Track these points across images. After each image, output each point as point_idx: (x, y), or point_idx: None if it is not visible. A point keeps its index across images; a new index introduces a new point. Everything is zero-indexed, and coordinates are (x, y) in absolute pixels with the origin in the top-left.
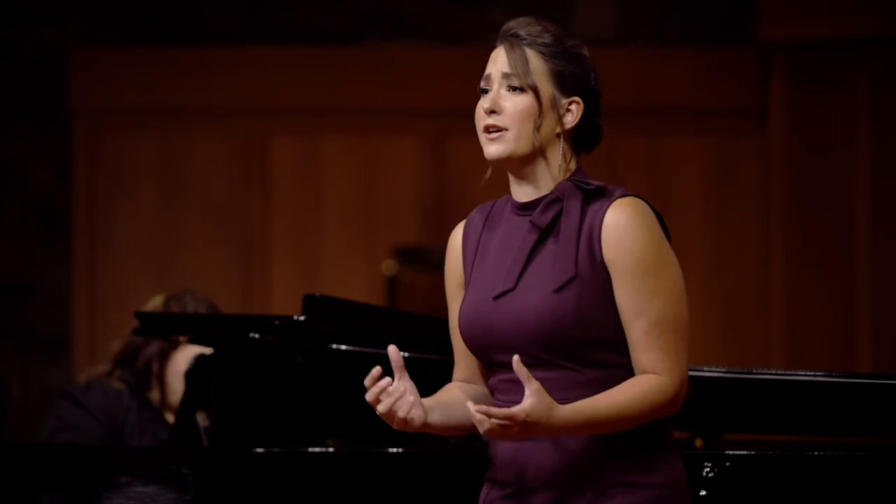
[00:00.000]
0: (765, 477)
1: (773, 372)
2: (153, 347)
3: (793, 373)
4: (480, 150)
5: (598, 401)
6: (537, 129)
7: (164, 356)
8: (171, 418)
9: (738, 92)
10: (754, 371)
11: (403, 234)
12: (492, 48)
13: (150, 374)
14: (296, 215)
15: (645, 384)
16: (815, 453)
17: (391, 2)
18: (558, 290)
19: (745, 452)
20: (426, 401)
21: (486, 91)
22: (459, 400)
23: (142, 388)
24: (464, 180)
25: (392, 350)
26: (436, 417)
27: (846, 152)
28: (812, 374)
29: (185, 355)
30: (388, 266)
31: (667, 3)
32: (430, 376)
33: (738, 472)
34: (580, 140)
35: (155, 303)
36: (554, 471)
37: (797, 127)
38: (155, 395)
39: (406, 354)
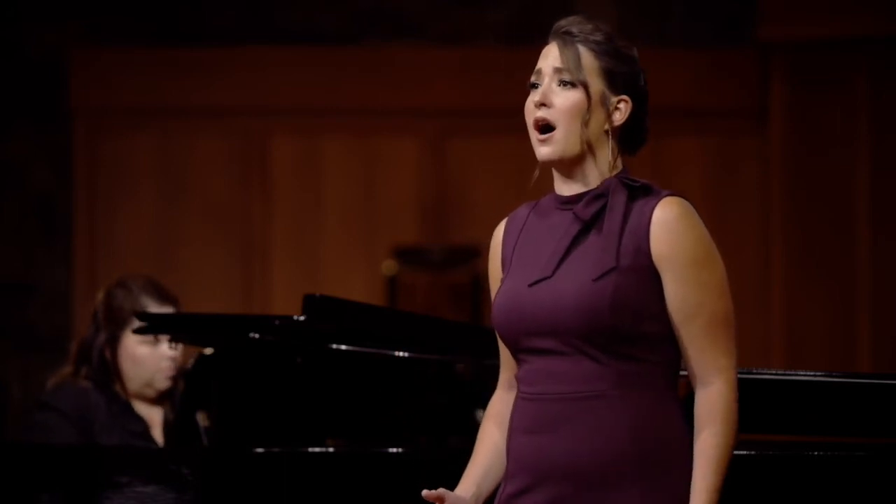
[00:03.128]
0: (765, 477)
1: (773, 372)
2: (101, 338)
3: (793, 373)
4: (480, 150)
5: (707, 460)
6: (585, 124)
7: (114, 344)
8: (139, 407)
9: (738, 92)
10: (754, 371)
11: (403, 234)
12: (491, 49)
13: (107, 365)
14: (296, 215)
15: (717, 409)
16: (815, 453)
17: (391, 2)
18: (597, 280)
19: (745, 452)
20: (468, 484)
21: (535, 86)
22: (495, 457)
23: (106, 382)
24: (464, 180)
25: (426, 493)
26: (484, 492)
27: (846, 152)
28: (812, 374)
29: (134, 338)
30: (388, 266)
31: (667, 3)
32: (430, 376)
33: (739, 471)
34: (627, 140)
35: (97, 298)
36: (576, 465)
37: (797, 127)
38: (119, 387)
39: (406, 354)
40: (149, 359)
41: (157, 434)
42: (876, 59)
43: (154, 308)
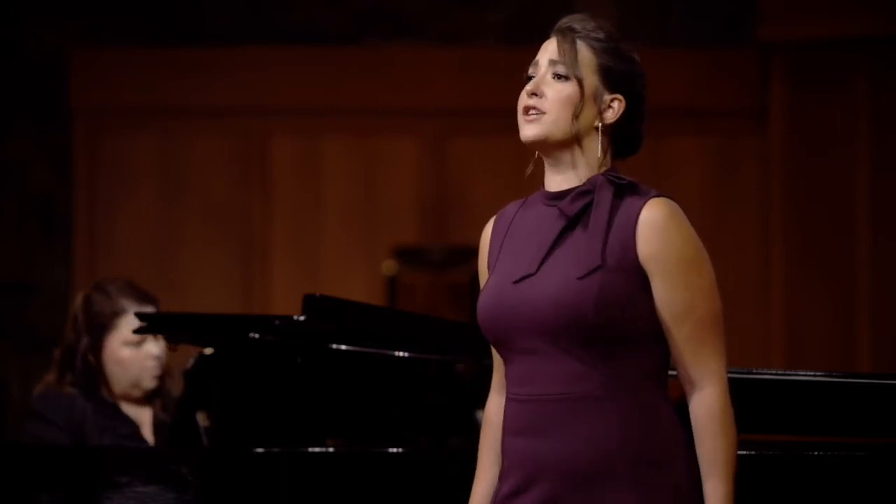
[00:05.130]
0: (765, 477)
1: (773, 372)
2: (84, 343)
3: (793, 373)
4: (480, 149)
5: (715, 469)
6: (576, 117)
7: (97, 348)
8: (127, 408)
9: (738, 92)
10: (754, 371)
11: (403, 234)
12: (491, 49)
13: (91, 370)
14: (296, 215)
15: (714, 414)
16: (815, 453)
17: (391, 2)
18: (582, 278)
19: (745, 452)
20: None
21: (530, 78)
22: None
23: (92, 387)
24: (464, 180)
25: None
26: None
27: (846, 152)
28: (812, 374)
29: (117, 341)
30: (388, 266)
31: (667, 3)
32: (430, 376)
33: (739, 472)
34: (619, 142)
35: (76, 303)
36: (565, 466)
37: (797, 127)
38: (105, 390)
39: (406, 354)
40: (133, 360)
41: (148, 434)
42: (876, 59)
43: (133, 309)
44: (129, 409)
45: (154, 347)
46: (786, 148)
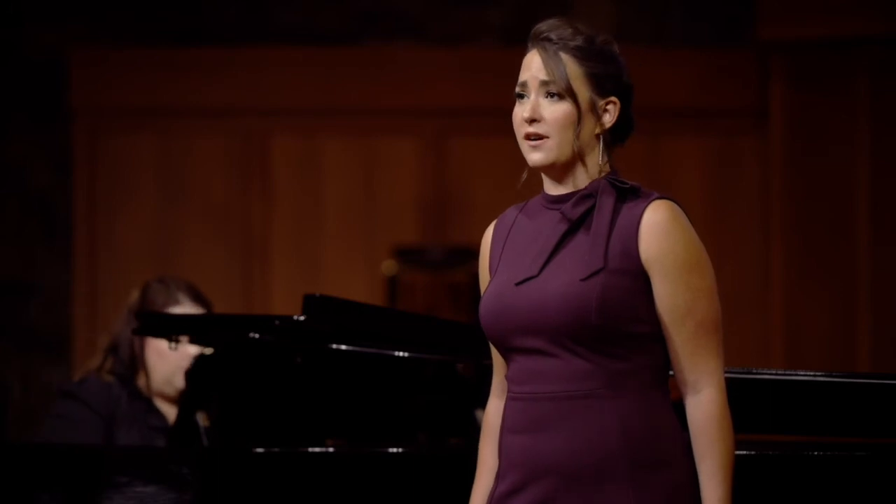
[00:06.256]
0: (765, 477)
1: (773, 372)
2: (133, 327)
3: (793, 372)
4: (480, 149)
5: (712, 471)
6: (577, 135)
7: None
8: (161, 405)
9: (738, 92)
10: (754, 371)
11: (403, 234)
12: (491, 49)
13: (134, 358)
14: (296, 215)
15: (712, 416)
16: (815, 453)
17: (391, 2)
18: (585, 279)
19: (744, 452)
20: None
21: (521, 96)
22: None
23: (130, 377)
24: (464, 180)
25: None
26: None
27: (846, 152)
28: (812, 374)
29: None
30: (388, 266)
31: (667, 2)
32: (430, 376)
33: (738, 472)
34: (616, 134)
35: (133, 295)
36: (565, 465)
37: (797, 127)
38: (142, 382)
39: (406, 354)
40: (173, 355)
41: None
42: (876, 59)
43: (188, 306)
44: (162, 407)
45: (194, 349)
46: (786, 148)
